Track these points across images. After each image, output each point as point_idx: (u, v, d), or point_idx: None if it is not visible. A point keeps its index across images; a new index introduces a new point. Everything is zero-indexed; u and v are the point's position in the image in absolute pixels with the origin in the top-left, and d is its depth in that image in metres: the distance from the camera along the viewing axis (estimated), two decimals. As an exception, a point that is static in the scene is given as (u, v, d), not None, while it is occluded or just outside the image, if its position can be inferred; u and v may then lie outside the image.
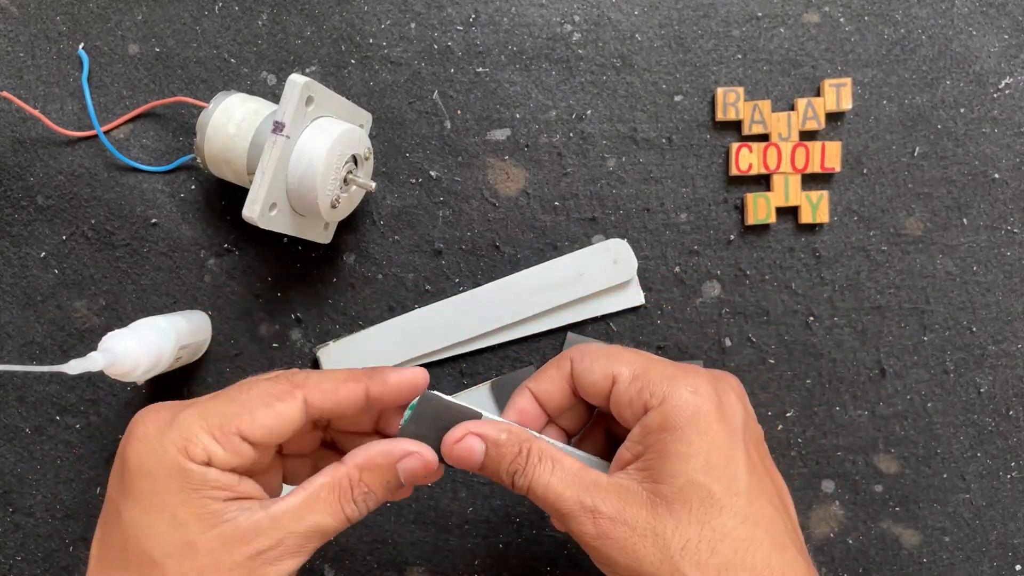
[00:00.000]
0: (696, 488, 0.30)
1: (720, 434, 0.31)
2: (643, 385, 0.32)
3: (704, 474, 0.30)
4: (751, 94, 0.48)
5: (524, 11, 0.48)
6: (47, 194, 0.48)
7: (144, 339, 0.39)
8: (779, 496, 0.32)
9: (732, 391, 0.33)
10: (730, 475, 0.30)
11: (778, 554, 0.30)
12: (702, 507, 0.30)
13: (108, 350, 0.38)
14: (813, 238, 0.48)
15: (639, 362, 0.33)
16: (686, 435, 0.31)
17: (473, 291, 0.47)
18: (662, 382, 0.32)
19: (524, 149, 0.48)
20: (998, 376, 0.48)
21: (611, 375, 0.33)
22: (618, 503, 0.30)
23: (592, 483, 0.31)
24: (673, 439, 0.31)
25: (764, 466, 0.32)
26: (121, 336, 0.38)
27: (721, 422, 0.31)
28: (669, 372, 0.32)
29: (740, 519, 0.30)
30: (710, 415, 0.31)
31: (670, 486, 0.30)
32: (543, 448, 0.32)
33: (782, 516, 0.31)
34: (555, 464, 0.32)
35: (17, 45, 0.48)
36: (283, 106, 0.39)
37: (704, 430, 0.31)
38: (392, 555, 0.48)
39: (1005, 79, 0.48)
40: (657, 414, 0.31)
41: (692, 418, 0.31)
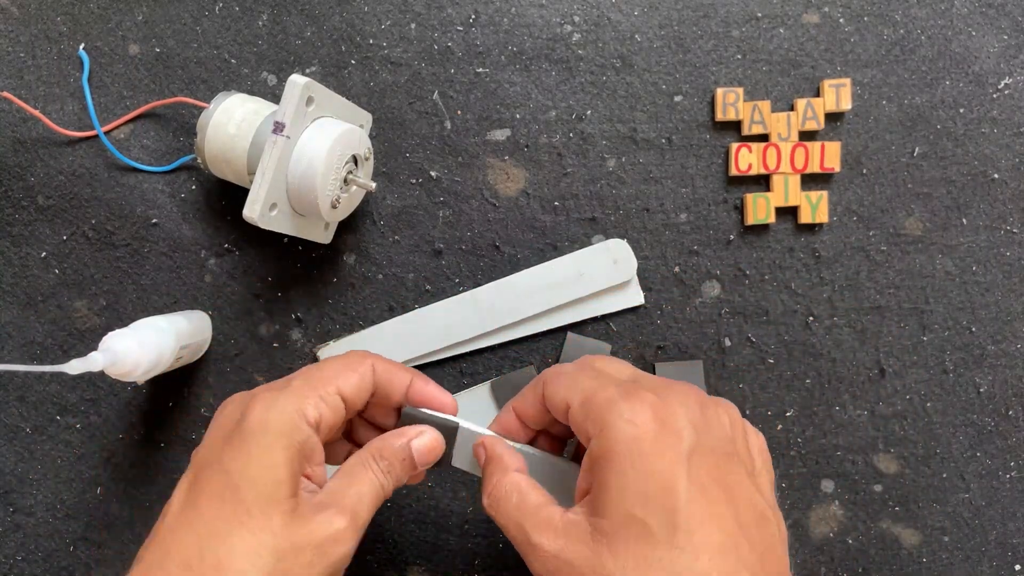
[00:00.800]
0: (633, 523, 0.29)
1: (657, 463, 0.30)
2: (587, 413, 0.32)
3: (640, 507, 0.29)
4: (751, 94, 0.48)
5: (524, 11, 0.48)
6: (48, 194, 0.48)
7: (144, 339, 0.39)
8: (738, 519, 0.30)
9: (684, 410, 0.32)
10: (668, 507, 0.29)
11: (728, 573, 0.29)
12: (639, 542, 0.29)
13: (109, 350, 0.38)
14: (813, 238, 0.48)
15: (589, 386, 0.33)
16: (622, 466, 0.30)
17: (473, 291, 0.47)
18: (602, 410, 0.32)
19: (524, 149, 0.48)
20: (997, 376, 0.48)
21: (566, 400, 0.34)
22: (561, 541, 0.31)
23: (546, 521, 0.32)
24: (610, 470, 0.30)
25: (722, 488, 0.30)
26: (121, 336, 0.38)
27: (659, 450, 0.30)
28: (612, 398, 0.32)
29: (678, 552, 0.29)
30: (645, 443, 0.30)
31: (610, 520, 0.30)
32: (515, 482, 0.34)
33: (735, 540, 0.30)
34: (519, 499, 0.33)
35: (18, 45, 0.48)
36: (283, 106, 0.39)
37: (639, 460, 0.30)
38: (392, 555, 0.48)
39: (1004, 79, 0.48)
40: (597, 444, 0.31)
41: (628, 449, 0.30)
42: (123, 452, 0.48)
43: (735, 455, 0.32)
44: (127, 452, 0.48)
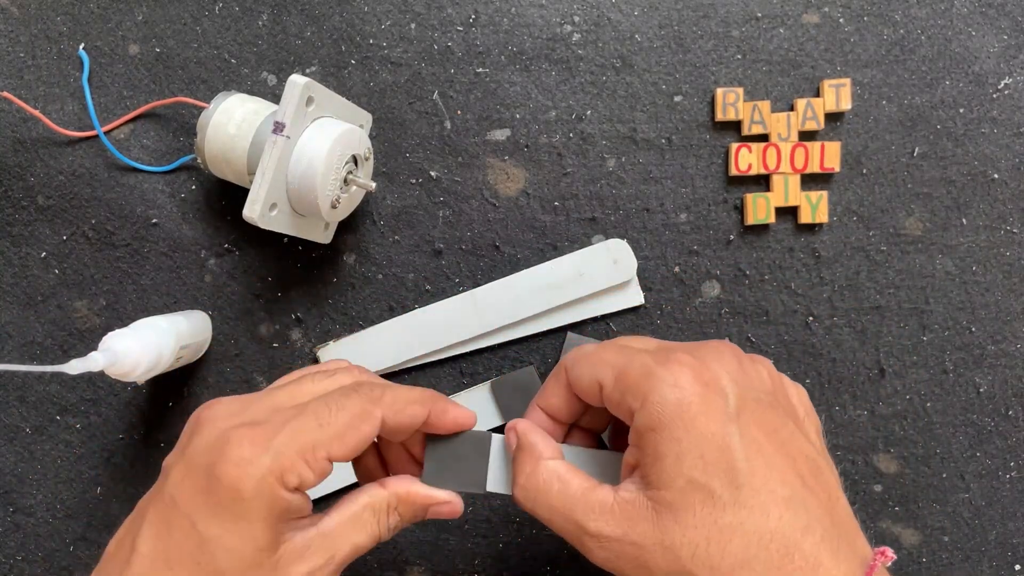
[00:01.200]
0: (696, 488, 0.28)
1: (709, 424, 0.29)
2: (625, 387, 0.31)
3: (701, 472, 0.28)
4: (751, 94, 0.48)
5: (524, 11, 0.48)
6: (48, 194, 0.48)
7: (144, 339, 0.39)
8: (797, 471, 0.30)
9: (723, 367, 0.31)
10: (728, 467, 0.28)
11: (799, 538, 0.28)
12: (704, 507, 0.28)
13: (108, 350, 0.38)
14: (812, 238, 0.48)
15: (620, 361, 0.32)
16: (674, 433, 0.29)
17: (473, 291, 0.47)
18: (641, 381, 0.30)
19: (524, 149, 0.48)
20: (997, 376, 0.48)
21: (597, 380, 0.32)
22: (623, 523, 0.29)
23: (599, 505, 0.30)
24: (662, 440, 0.29)
25: (773, 440, 0.30)
26: (121, 336, 0.38)
27: (708, 411, 0.29)
28: (648, 367, 0.30)
29: (747, 512, 0.28)
30: (693, 406, 0.29)
31: (670, 491, 0.29)
32: (552, 469, 0.32)
33: (800, 494, 0.29)
34: (562, 487, 0.31)
35: (17, 45, 0.48)
36: (283, 106, 0.39)
37: (691, 424, 0.29)
38: (392, 555, 0.48)
39: (1004, 79, 0.48)
40: (642, 416, 0.30)
41: (676, 414, 0.29)
42: (123, 452, 0.48)
43: (779, 406, 0.31)
44: (127, 452, 0.48)
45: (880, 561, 0.29)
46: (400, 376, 0.48)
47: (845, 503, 0.31)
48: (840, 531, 0.29)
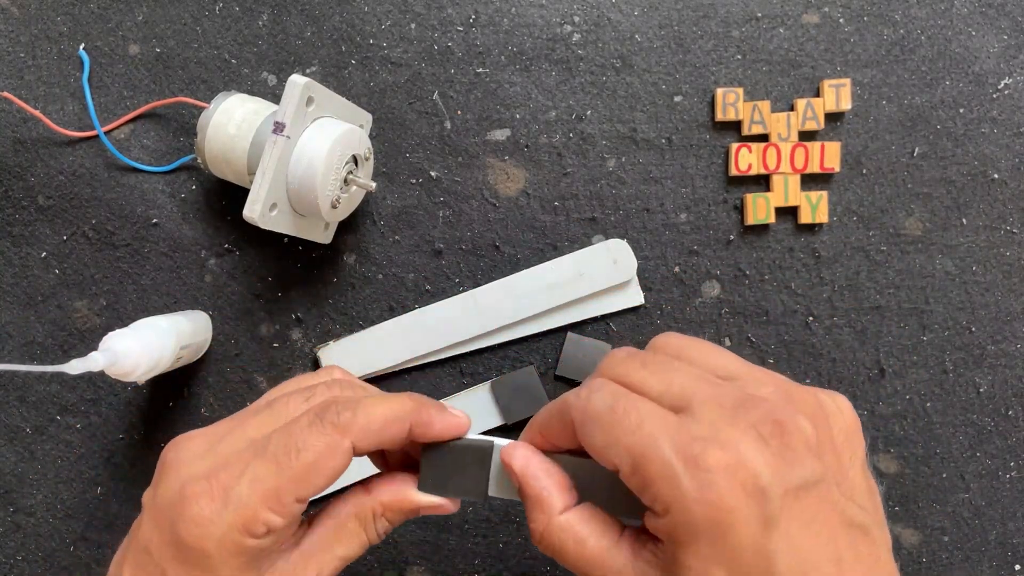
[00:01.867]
0: None
1: (743, 538, 0.25)
2: (643, 483, 0.27)
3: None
4: (751, 94, 0.48)
5: (524, 12, 0.48)
6: (48, 194, 0.48)
7: (145, 339, 0.39)
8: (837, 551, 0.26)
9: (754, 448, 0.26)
10: (763, 570, 0.25)
11: None
12: None
13: (108, 350, 0.38)
14: (812, 238, 0.48)
15: (637, 446, 0.27)
16: (700, 550, 0.25)
17: (473, 291, 0.47)
18: (662, 487, 0.26)
19: (524, 149, 0.48)
20: (997, 376, 0.48)
21: (612, 463, 0.28)
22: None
23: (614, 571, 0.28)
24: (685, 554, 0.26)
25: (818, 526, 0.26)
26: (122, 336, 0.38)
27: (744, 522, 0.25)
28: (669, 467, 0.26)
29: None
30: (725, 522, 0.25)
31: None
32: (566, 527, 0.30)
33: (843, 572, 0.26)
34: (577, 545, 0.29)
35: (18, 45, 0.48)
36: (283, 106, 0.39)
37: (722, 539, 0.25)
38: (392, 555, 0.48)
39: (1004, 79, 0.48)
40: (664, 524, 0.26)
41: (704, 530, 0.25)
42: (123, 452, 0.48)
43: (823, 476, 0.27)
44: (127, 452, 0.48)
45: None
46: (400, 376, 0.48)
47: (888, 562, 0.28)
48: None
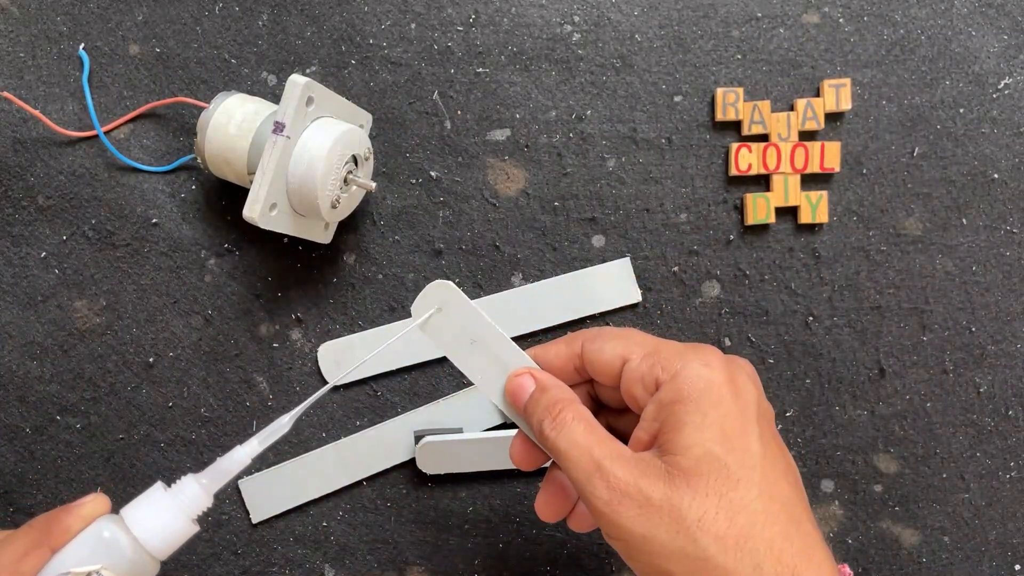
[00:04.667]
0: (712, 459, 0.30)
1: (733, 406, 0.31)
2: (655, 362, 0.32)
3: (720, 445, 0.30)
4: (751, 94, 0.48)
5: (524, 11, 0.48)
6: (48, 194, 0.48)
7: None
8: (792, 472, 0.32)
9: (743, 370, 0.33)
10: (744, 447, 0.30)
11: (795, 528, 0.30)
12: (719, 479, 0.29)
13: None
14: (812, 238, 0.48)
15: (650, 342, 0.34)
16: (700, 406, 0.30)
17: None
18: (674, 358, 0.32)
19: (524, 149, 0.48)
20: (997, 376, 0.48)
21: (622, 355, 0.33)
22: (635, 471, 0.30)
23: (616, 451, 0.31)
24: (687, 410, 0.31)
25: (776, 442, 0.32)
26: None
27: (734, 395, 0.31)
28: (680, 349, 0.33)
29: (756, 492, 0.30)
30: (722, 387, 0.31)
31: (687, 458, 0.30)
32: (582, 411, 0.33)
33: (796, 492, 0.31)
34: (587, 426, 0.32)
35: (18, 45, 0.48)
36: (283, 106, 0.39)
37: (717, 402, 0.31)
38: (392, 555, 0.48)
39: (1004, 79, 0.48)
40: (670, 387, 0.31)
41: (706, 390, 0.31)
42: (123, 452, 0.48)
43: (773, 417, 0.34)
44: (127, 452, 0.48)
45: None
46: (400, 376, 0.48)
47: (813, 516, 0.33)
48: (817, 531, 0.32)
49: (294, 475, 0.47)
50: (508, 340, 0.36)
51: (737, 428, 0.31)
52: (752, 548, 0.29)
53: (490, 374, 0.36)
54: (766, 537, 0.29)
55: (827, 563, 0.30)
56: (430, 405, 0.48)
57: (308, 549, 0.48)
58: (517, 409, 0.36)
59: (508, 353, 0.36)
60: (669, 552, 0.29)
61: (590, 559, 0.48)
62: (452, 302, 0.36)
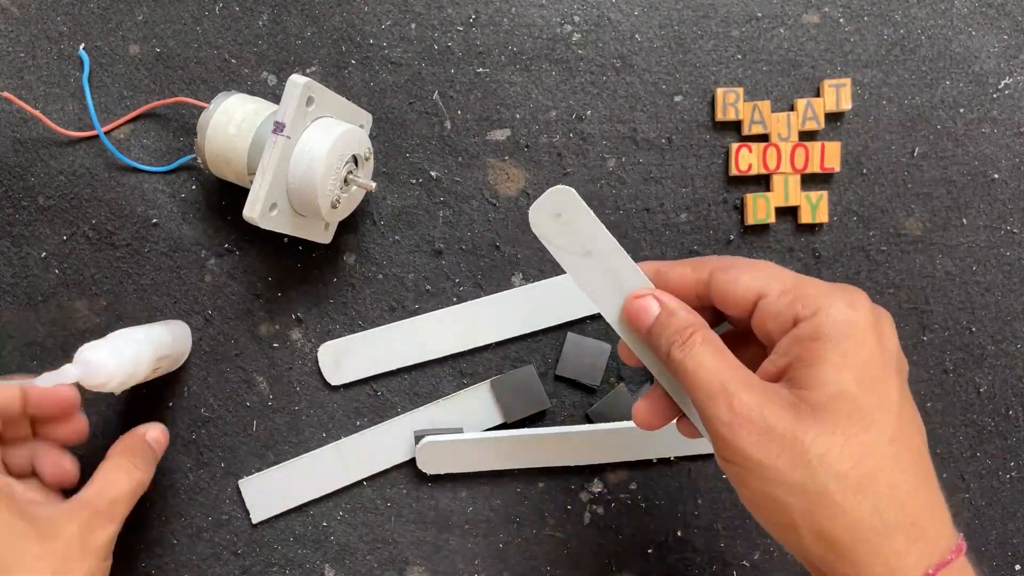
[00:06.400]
0: (846, 399, 0.28)
1: (876, 351, 0.30)
2: (795, 298, 0.31)
3: (856, 385, 0.29)
4: (751, 94, 0.48)
5: (524, 11, 0.48)
6: (48, 194, 0.48)
7: (119, 351, 0.39)
8: (923, 434, 0.31)
9: (889, 321, 0.32)
10: (882, 392, 0.29)
11: (924, 481, 0.29)
12: (850, 419, 0.28)
13: (82, 362, 0.38)
14: (813, 238, 0.48)
15: (789, 278, 0.32)
16: (841, 345, 0.29)
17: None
18: (817, 296, 0.30)
19: (524, 149, 0.48)
20: (997, 376, 0.48)
21: (757, 289, 0.32)
22: (761, 397, 0.29)
23: (743, 376, 0.30)
24: (826, 348, 0.29)
25: (911, 401, 0.31)
26: (96, 348, 0.39)
27: (877, 340, 0.30)
28: (824, 288, 0.31)
29: (888, 438, 0.29)
30: (867, 331, 0.30)
31: (819, 393, 0.29)
32: (711, 336, 0.32)
33: (926, 448, 0.30)
34: (716, 350, 0.31)
35: (18, 45, 0.48)
36: (283, 106, 0.39)
37: (860, 343, 0.29)
38: (392, 555, 0.48)
39: (1005, 79, 0.48)
40: (810, 324, 0.30)
41: (849, 329, 0.29)
42: (123, 452, 0.48)
43: (907, 374, 0.32)
44: (127, 452, 0.48)
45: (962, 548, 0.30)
46: (400, 376, 0.48)
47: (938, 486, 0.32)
48: (942, 496, 0.31)
49: (294, 475, 0.47)
50: (627, 257, 0.34)
51: (878, 372, 0.29)
52: (875, 491, 0.28)
53: (606, 290, 0.35)
54: (892, 483, 0.28)
55: (948, 525, 0.29)
56: (430, 405, 0.48)
57: (308, 549, 0.48)
58: (638, 331, 0.34)
59: (627, 270, 0.34)
60: (786, 482, 0.28)
61: (590, 559, 0.48)
62: (571, 209, 0.34)
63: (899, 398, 0.30)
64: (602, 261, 0.34)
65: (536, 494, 0.48)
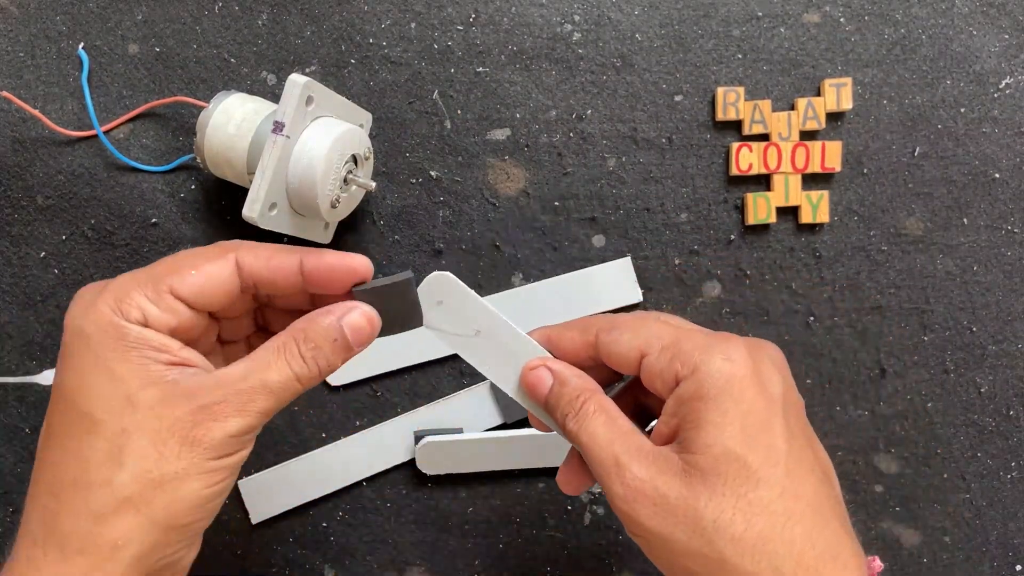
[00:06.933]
0: (732, 459, 0.29)
1: (756, 401, 0.30)
2: (674, 355, 0.31)
3: (740, 443, 0.29)
4: (751, 94, 0.48)
5: (524, 11, 0.48)
6: (47, 194, 0.48)
7: None
8: (821, 467, 0.31)
9: (769, 358, 0.32)
10: (767, 444, 0.29)
11: (820, 528, 0.29)
12: (737, 480, 0.29)
13: None
14: (813, 238, 0.48)
15: (669, 334, 0.32)
16: (720, 403, 0.29)
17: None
18: (694, 352, 0.31)
19: (524, 149, 0.48)
20: (998, 376, 0.48)
21: (639, 348, 0.32)
22: (652, 468, 0.30)
23: (635, 446, 0.31)
24: (707, 408, 0.29)
25: (805, 436, 0.31)
26: None
27: (757, 389, 0.30)
28: (701, 342, 0.31)
29: (778, 491, 0.29)
30: (745, 381, 0.30)
31: (705, 456, 0.29)
32: (604, 403, 0.32)
33: (825, 487, 0.30)
34: (608, 419, 0.32)
35: (17, 45, 0.48)
36: (283, 106, 0.39)
37: (739, 398, 0.29)
38: (392, 555, 0.48)
39: (1005, 79, 0.48)
40: (690, 383, 0.30)
41: (726, 385, 0.30)
42: (123, 452, 0.48)
43: (803, 408, 0.32)
44: (127, 452, 0.48)
45: (876, 570, 0.31)
46: (400, 376, 0.48)
47: (846, 512, 0.32)
48: (846, 529, 0.30)
49: (294, 475, 0.47)
50: (516, 329, 0.35)
51: (760, 424, 0.29)
52: (771, 551, 0.28)
53: (501, 366, 0.35)
54: (787, 539, 0.28)
55: (854, 560, 0.29)
56: (430, 405, 0.48)
57: (308, 550, 0.48)
58: (537, 402, 0.35)
59: (518, 343, 0.35)
60: (687, 552, 0.29)
61: (590, 559, 0.48)
62: (451, 293, 0.34)
63: (787, 445, 0.29)
64: (493, 337, 0.35)
65: (536, 494, 0.48)
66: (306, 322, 0.32)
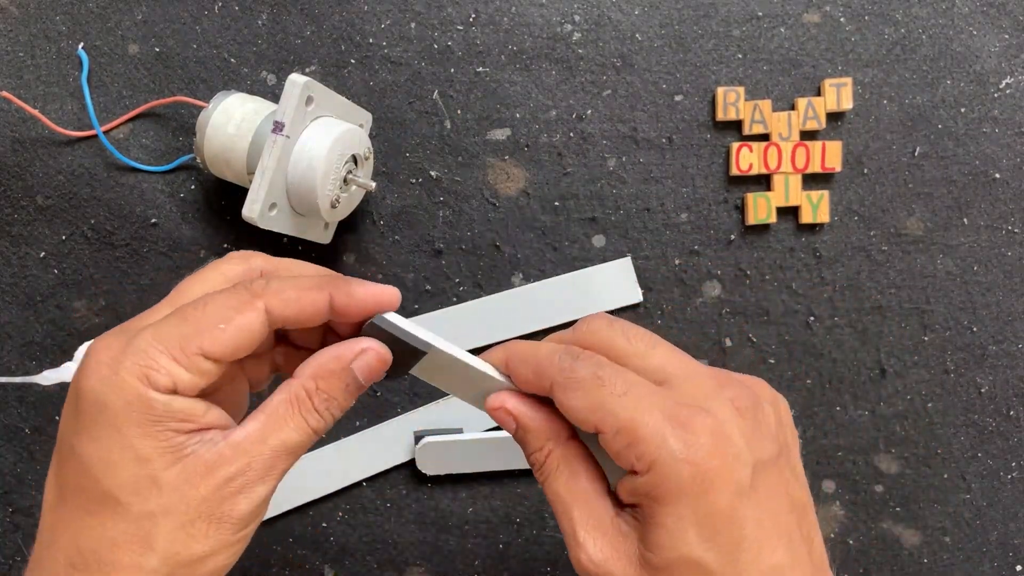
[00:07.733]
0: (689, 565, 0.27)
1: (720, 499, 0.27)
2: (629, 442, 0.28)
3: (699, 547, 0.27)
4: (751, 94, 0.48)
5: (524, 11, 0.48)
6: (47, 194, 0.48)
7: None
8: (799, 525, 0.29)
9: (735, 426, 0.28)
10: (731, 540, 0.27)
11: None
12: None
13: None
14: (813, 238, 0.48)
15: (624, 411, 0.28)
16: (678, 510, 0.27)
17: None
18: (649, 446, 0.27)
19: (524, 149, 0.48)
20: (999, 376, 0.48)
21: (594, 424, 0.29)
22: (608, 549, 0.28)
23: (595, 519, 0.29)
24: (664, 512, 0.27)
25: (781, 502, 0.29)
26: None
27: (722, 486, 0.27)
28: (657, 428, 0.27)
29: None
30: (705, 482, 0.27)
31: (659, 557, 0.27)
32: (567, 454, 0.30)
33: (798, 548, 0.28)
34: (568, 477, 0.30)
35: (17, 45, 0.48)
36: (283, 106, 0.39)
37: (701, 499, 0.27)
38: (392, 555, 0.48)
39: (1006, 79, 0.48)
40: (646, 482, 0.27)
41: (686, 490, 0.27)
42: (123, 452, 0.48)
43: (782, 453, 0.30)
44: (127, 452, 0.48)
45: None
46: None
47: (821, 540, 0.31)
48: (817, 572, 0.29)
49: (294, 475, 0.47)
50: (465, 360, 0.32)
51: (726, 519, 0.27)
52: None
53: (469, 391, 0.33)
54: None
55: None
56: (430, 405, 0.48)
57: (308, 550, 0.48)
58: None
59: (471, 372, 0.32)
60: None
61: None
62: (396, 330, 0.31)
63: (754, 533, 0.27)
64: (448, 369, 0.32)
65: (536, 495, 0.48)
66: (317, 368, 0.30)
